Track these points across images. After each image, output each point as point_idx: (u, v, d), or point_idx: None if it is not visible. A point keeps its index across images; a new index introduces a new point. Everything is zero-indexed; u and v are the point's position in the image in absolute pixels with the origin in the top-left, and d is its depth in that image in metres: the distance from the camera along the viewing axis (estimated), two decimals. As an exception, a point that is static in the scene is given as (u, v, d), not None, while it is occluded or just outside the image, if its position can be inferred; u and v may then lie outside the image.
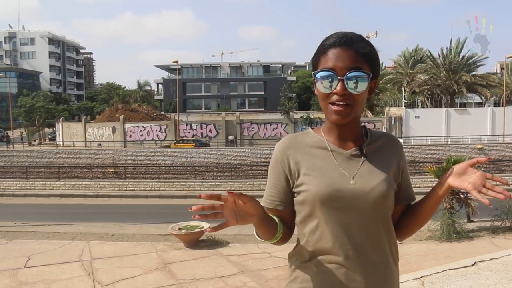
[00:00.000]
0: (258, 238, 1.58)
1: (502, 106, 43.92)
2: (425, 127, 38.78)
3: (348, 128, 1.57)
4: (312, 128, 1.68)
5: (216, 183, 27.47)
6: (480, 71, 53.93)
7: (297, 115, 40.67)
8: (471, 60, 51.10)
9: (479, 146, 34.91)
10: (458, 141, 37.35)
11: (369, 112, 44.46)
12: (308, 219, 1.55)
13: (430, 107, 50.31)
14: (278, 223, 1.57)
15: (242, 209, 1.40)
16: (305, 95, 75.31)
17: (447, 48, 50.45)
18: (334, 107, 1.49)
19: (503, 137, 38.78)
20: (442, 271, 4.75)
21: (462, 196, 14.67)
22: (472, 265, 4.93)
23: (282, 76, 79.74)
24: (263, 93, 78.48)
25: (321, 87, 1.51)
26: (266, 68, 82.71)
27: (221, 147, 36.67)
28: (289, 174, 1.57)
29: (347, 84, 1.46)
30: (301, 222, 1.58)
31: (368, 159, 1.56)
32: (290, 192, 1.59)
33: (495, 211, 16.33)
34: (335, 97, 1.48)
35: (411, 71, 55.86)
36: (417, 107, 51.35)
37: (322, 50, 1.53)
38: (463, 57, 50.37)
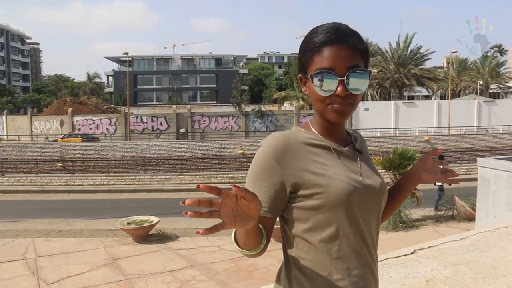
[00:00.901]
0: (238, 248, 1.34)
1: (448, 99, 45.45)
2: (375, 119, 39.63)
3: (341, 126, 1.51)
4: (297, 126, 1.52)
5: (166, 177, 27.20)
6: (428, 65, 55.65)
7: (249, 108, 40.75)
8: (419, 54, 52.64)
9: (426, 138, 35.99)
10: (406, 133, 38.41)
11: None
12: (323, 226, 1.37)
13: (379, 100, 51.45)
14: (263, 231, 1.37)
15: (243, 209, 1.16)
16: (257, 88, 75.63)
17: (396, 42, 51.78)
18: (336, 106, 1.38)
19: (449, 129, 40.13)
20: (383, 260, 4.84)
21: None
22: (412, 253, 5.05)
23: (234, 69, 79.62)
24: (215, 85, 78.18)
25: (318, 90, 1.37)
26: (218, 60, 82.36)
27: (172, 140, 36.29)
28: (286, 176, 1.37)
29: (347, 84, 1.35)
30: (309, 231, 1.38)
31: (361, 157, 1.52)
32: (285, 197, 1.38)
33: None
34: (335, 99, 1.37)
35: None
36: (367, 100, 52.42)
37: (314, 47, 1.38)
38: (411, 51, 51.80)
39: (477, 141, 37.10)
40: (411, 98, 55.12)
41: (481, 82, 62.57)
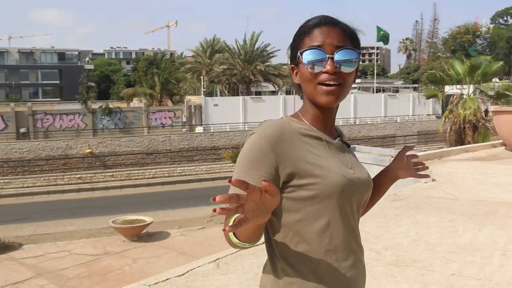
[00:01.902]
0: (237, 241, 1.25)
1: (292, 94, 48.07)
2: (224, 114, 40.41)
3: (330, 116, 1.48)
4: (286, 116, 1.49)
5: (6, 181, 25.01)
6: (274, 62, 58.25)
7: (96, 105, 38.97)
8: (265, 52, 54.86)
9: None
10: (255, 127, 39.78)
11: (169, 100, 44.75)
12: (315, 217, 1.35)
13: (228, 96, 52.62)
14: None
15: (265, 203, 1.11)
16: (104, 84, 72.50)
17: (243, 40, 53.35)
18: (325, 87, 1.36)
19: (293, 123, 42.45)
20: (236, 252, 4.96)
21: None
22: (263, 243, 5.25)
23: (79, 64, 75.47)
24: (58, 82, 73.35)
25: (308, 67, 1.37)
26: (62, 55, 77.46)
27: (11, 141, 33.33)
28: (281, 165, 1.33)
29: (337, 63, 1.35)
30: (300, 223, 1.35)
31: (349, 150, 1.53)
32: (278, 186, 1.34)
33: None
34: (324, 77, 1.36)
35: (209, 61, 57.65)
36: (216, 96, 53.32)
37: (305, 30, 1.41)
38: (257, 49, 53.79)
39: (319, 133, 39.75)
40: (258, 93, 57.27)
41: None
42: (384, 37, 57.61)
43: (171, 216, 18.03)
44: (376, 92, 61.48)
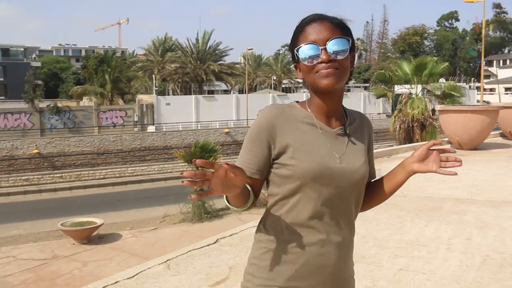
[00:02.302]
0: (228, 204, 1.51)
1: (245, 93, 48.18)
2: (176, 113, 40.05)
3: (333, 104, 1.60)
4: (297, 102, 1.64)
5: None
6: (227, 61, 58.19)
7: (44, 104, 37.75)
8: (217, 51, 54.75)
9: (226, 130, 37.66)
10: (208, 126, 39.66)
11: (121, 100, 43.96)
12: (290, 193, 1.53)
13: (180, 94, 52.19)
14: (251, 192, 1.52)
15: (230, 180, 1.31)
16: (52, 82, 70.32)
17: (195, 38, 53.04)
18: (322, 71, 1.50)
19: (247, 121, 42.55)
20: (187, 252, 4.93)
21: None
22: (214, 242, 5.24)
23: (25, 61, 72.87)
24: (3, 79, 70.58)
25: (306, 61, 1.52)
26: (6, 51, 74.51)
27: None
28: (273, 144, 1.54)
29: (330, 51, 1.50)
30: (279, 195, 1.56)
31: (351, 139, 1.61)
32: (269, 162, 1.56)
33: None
34: (321, 66, 1.50)
35: (161, 59, 57.00)
36: (168, 94, 52.74)
37: (299, 30, 1.57)
38: (210, 47, 53.60)
39: (273, 131, 40.02)
40: (211, 92, 57.04)
41: (275, 78, 67.68)
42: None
43: (123, 217, 17.65)
44: (328, 90, 62.32)
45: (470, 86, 55.83)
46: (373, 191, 1.71)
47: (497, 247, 4.65)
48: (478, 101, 33.62)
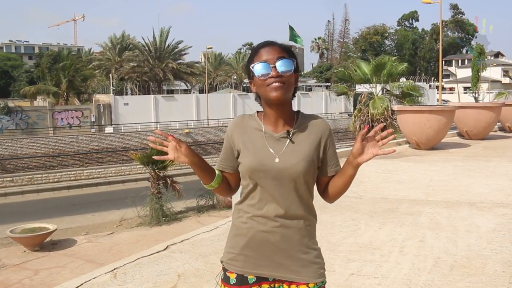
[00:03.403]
0: (203, 184, 2.02)
1: (206, 92, 47.81)
2: (135, 114, 39.41)
3: (280, 112, 1.93)
4: (257, 112, 2.03)
5: None
6: (187, 60, 57.56)
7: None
8: (177, 49, 54.07)
9: (186, 130, 37.28)
10: (167, 127, 39.18)
11: (76, 99, 42.90)
12: (245, 183, 1.96)
13: (139, 94, 51.35)
14: (217, 175, 1.99)
15: (179, 150, 1.91)
16: (3, 81, 67.73)
17: (153, 36, 52.17)
18: (272, 85, 1.84)
19: (208, 122, 42.25)
20: (135, 260, 4.74)
21: (168, 180, 15.38)
22: (165, 249, 5.06)
23: (-28, 59, 70.29)
24: None
25: (259, 76, 1.87)
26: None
27: None
28: (233, 147, 1.99)
29: (279, 68, 1.84)
30: (243, 185, 1.99)
31: (293, 141, 1.91)
32: (234, 159, 2.00)
33: (199, 191, 17.61)
34: (271, 80, 1.84)
35: (119, 58, 55.91)
36: (126, 94, 51.82)
37: (255, 52, 1.92)
38: (168, 46, 52.87)
39: (232, 131, 39.84)
40: (171, 92, 56.32)
41: (235, 77, 67.48)
42: (295, 38, 58.90)
43: (78, 222, 17.14)
44: (289, 90, 62.51)
45: (430, 86, 57.09)
46: (332, 184, 1.99)
47: (448, 248, 4.63)
48: (438, 100, 34.37)
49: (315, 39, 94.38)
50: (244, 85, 68.95)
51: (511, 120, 14.16)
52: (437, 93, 40.26)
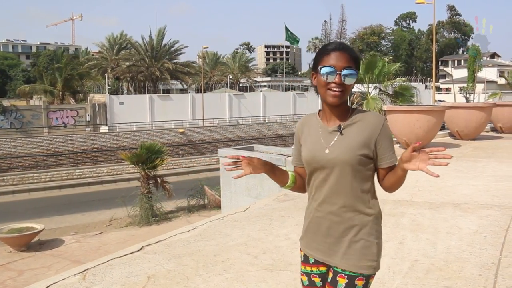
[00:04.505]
0: (279, 186, 2.30)
1: (201, 92, 47.63)
2: (130, 113, 39.26)
3: (336, 110, 2.10)
4: (319, 110, 2.21)
5: None
6: (183, 59, 57.35)
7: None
8: (173, 49, 53.91)
9: (181, 130, 37.13)
10: (162, 126, 39.02)
11: (72, 99, 42.71)
12: (307, 173, 2.17)
13: (134, 94, 51.14)
14: (291, 175, 2.26)
15: (252, 164, 2.17)
16: (-1, 80, 67.32)
17: (149, 36, 52.00)
18: (332, 92, 2.02)
19: (203, 121, 42.10)
20: (107, 261, 4.62)
21: (158, 180, 15.27)
22: (139, 250, 4.93)
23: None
24: None
25: (324, 77, 2.03)
26: None
27: None
28: (300, 143, 2.22)
29: (342, 77, 1.99)
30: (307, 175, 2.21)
31: (344, 134, 2.07)
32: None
33: (190, 191, 17.53)
34: (333, 85, 2.01)
35: (116, 57, 55.69)
36: (122, 94, 51.59)
37: (325, 52, 2.06)
38: (165, 45, 52.69)
39: (229, 131, 39.77)
40: (167, 91, 56.14)
41: (231, 77, 67.33)
42: (291, 39, 58.75)
43: (68, 221, 17.00)
44: (286, 90, 62.48)
45: (426, 86, 56.97)
46: (387, 178, 2.11)
47: (427, 251, 4.51)
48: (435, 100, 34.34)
49: (312, 39, 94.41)
50: (240, 85, 68.82)
51: (503, 120, 14.04)
52: (436, 93, 40.15)
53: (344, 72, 2.00)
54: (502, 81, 67.12)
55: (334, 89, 2.01)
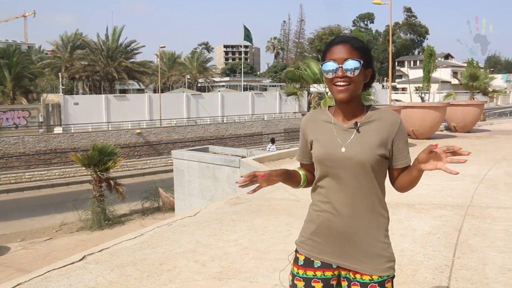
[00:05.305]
0: (293, 188, 2.22)
1: (158, 92, 46.92)
2: (86, 114, 38.28)
3: (348, 107, 2.00)
4: (329, 107, 2.11)
5: None
6: (140, 59, 56.41)
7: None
8: (129, 48, 52.95)
9: (138, 130, 36.43)
10: (119, 127, 38.20)
11: (24, 99, 41.31)
12: (317, 172, 2.06)
13: (90, 94, 49.97)
14: (302, 176, 2.18)
15: (271, 177, 2.04)
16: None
17: (105, 35, 50.92)
18: (337, 87, 1.94)
19: (160, 122, 41.46)
20: (44, 273, 4.29)
21: (111, 182, 14.80)
22: (80, 260, 4.61)
23: None
24: None
25: (326, 74, 1.97)
26: None
27: None
28: (307, 140, 2.12)
29: (345, 70, 1.91)
30: (315, 174, 2.10)
31: (360, 132, 1.97)
32: (310, 152, 2.11)
33: (144, 193, 17.09)
34: (337, 80, 1.94)
35: (70, 57, 54.27)
36: (77, 94, 50.34)
37: (327, 48, 2.01)
38: (121, 44, 51.70)
39: (187, 132, 39.28)
40: (124, 91, 55.06)
41: (189, 77, 66.71)
42: (246, 36, 58.59)
43: (15, 227, 16.23)
44: (244, 90, 62.34)
45: (383, 86, 57.95)
46: (400, 178, 2.03)
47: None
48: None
49: (271, 39, 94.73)
50: (198, 85, 68.30)
51: (456, 119, 14.28)
52: (393, 92, 40.82)
53: (346, 63, 1.91)
54: (455, 81, 69.07)
55: (339, 83, 1.93)
